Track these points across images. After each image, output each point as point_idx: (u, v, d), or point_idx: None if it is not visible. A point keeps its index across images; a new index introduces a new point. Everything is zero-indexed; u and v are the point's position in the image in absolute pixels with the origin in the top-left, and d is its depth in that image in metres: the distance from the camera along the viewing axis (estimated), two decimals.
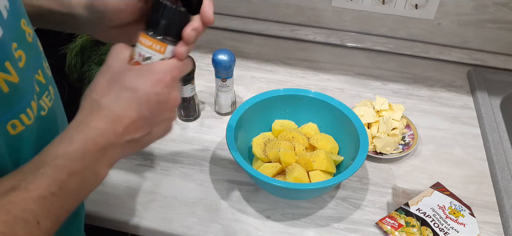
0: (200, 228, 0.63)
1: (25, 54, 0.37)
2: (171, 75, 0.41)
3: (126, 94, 0.39)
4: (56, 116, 0.46)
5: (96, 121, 0.38)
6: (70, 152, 0.36)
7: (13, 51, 0.35)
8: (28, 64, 0.37)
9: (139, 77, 0.39)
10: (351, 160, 0.64)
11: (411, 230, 0.62)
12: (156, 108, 0.40)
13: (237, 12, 1.10)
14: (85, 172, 0.37)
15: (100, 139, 0.38)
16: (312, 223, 0.65)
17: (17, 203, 0.33)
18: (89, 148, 0.37)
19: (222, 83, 0.78)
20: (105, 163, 0.39)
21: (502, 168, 0.74)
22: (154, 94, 0.39)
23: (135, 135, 0.39)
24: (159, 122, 0.41)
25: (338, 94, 0.91)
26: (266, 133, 0.75)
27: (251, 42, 1.06)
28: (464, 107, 0.89)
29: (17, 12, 0.37)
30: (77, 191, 0.37)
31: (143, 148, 0.42)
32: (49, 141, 0.42)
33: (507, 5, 0.92)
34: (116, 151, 0.39)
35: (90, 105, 0.39)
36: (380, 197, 0.69)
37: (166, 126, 0.43)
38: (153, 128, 0.41)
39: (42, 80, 0.41)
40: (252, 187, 0.70)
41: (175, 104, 0.42)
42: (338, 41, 1.06)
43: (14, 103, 0.36)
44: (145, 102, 0.39)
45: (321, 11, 1.04)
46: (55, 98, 0.44)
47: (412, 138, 0.78)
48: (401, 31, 1.03)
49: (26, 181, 0.34)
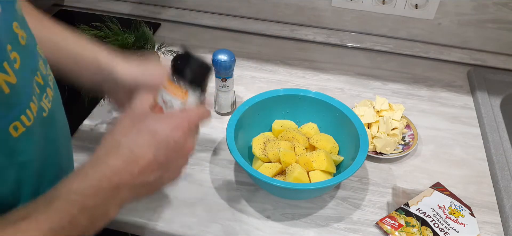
0: (200, 228, 0.63)
1: (20, 56, 0.37)
2: (189, 122, 0.43)
3: (145, 136, 0.41)
4: (57, 118, 0.46)
5: (113, 159, 0.39)
6: (84, 187, 0.37)
7: (8, 53, 0.35)
8: (23, 65, 0.37)
9: (160, 122, 0.42)
10: (351, 160, 0.64)
11: (411, 230, 0.62)
12: (172, 153, 0.42)
13: (237, 12, 1.10)
14: (97, 209, 0.38)
15: (115, 177, 0.38)
16: (312, 223, 0.65)
17: (26, 232, 0.33)
18: (103, 186, 0.38)
19: (222, 83, 0.78)
20: (116, 202, 0.39)
21: (502, 168, 0.74)
22: (172, 139, 0.41)
23: (149, 178, 0.41)
24: (172, 167, 0.43)
25: (338, 94, 0.91)
26: (266, 133, 0.75)
27: (251, 42, 1.06)
28: (464, 107, 0.89)
29: (10, 16, 0.38)
30: (86, 227, 0.38)
31: (152, 193, 0.43)
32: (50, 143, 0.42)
33: (507, 5, 0.92)
34: (128, 192, 0.40)
35: (109, 144, 0.41)
36: (380, 197, 0.69)
37: (177, 171, 0.44)
38: (166, 172, 0.42)
39: (40, 82, 0.41)
40: (252, 187, 0.70)
41: (189, 152, 0.44)
42: (338, 41, 1.06)
43: (14, 105, 0.36)
44: (163, 146, 0.41)
45: (321, 11, 1.04)
46: (54, 100, 0.44)
47: (412, 138, 0.78)
48: (401, 31, 1.03)
49: (37, 212, 0.35)
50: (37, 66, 0.41)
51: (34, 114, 0.38)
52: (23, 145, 0.38)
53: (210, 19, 1.10)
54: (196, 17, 1.11)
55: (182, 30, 1.10)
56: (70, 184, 0.37)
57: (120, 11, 1.14)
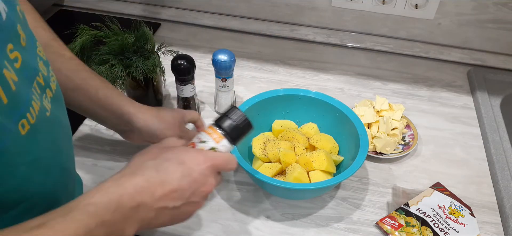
0: (200, 228, 0.63)
1: (21, 56, 0.38)
2: (215, 163, 0.44)
3: (173, 163, 0.42)
4: (60, 119, 0.46)
5: (138, 178, 0.40)
6: (103, 202, 0.37)
7: (8, 52, 0.36)
8: (24, 66, 0.38)
9: (188, 153, 0.44)
10: (351, 160, 0.64)
11: (411, 230, 0.62)
12: (194, 186, 0.43)
13: (237, 12, 1.10)
14: (113, 226, 0.37)
15: (136, 196, 0.39)
16: (312, 223, 0.65)
17: None
18: (123, 202, 0.38)
19: (222, 83, 0.78)
20: (133, 222, 0.39)
21: (502, 168, 0.74)
22: (197, 171, 0.43)
23: (169, 203, 0.41)
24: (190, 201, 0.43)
25: (338, 94, 0.91)
26: (266, 133, 0.75)
27: (251, 42, 1.06)
28: (464, 107, 0.89)
29: (15, 17, 0.38)
30: None
31: (168, 224, 0.43)
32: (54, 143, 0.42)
33: (507, 5, 0.92)
34: (147, 214, 0.40)
35: (135, 164, 0.42)
36: (380, 197, 0.69)
37: (192, 210, 0.45)
38: (184, 205, 0.43)
39: (41, 82, 0.41)
40: (252, 187, 0.70)
41: (207, 192, 0.44)
42: (338, 41, 1.06)
43: (20, 102, 0.37)
44: (187, 175, 0.42)
45: (321, 11, 1.04)
46: (56, 101, 0.45)
47: (412, 138, 0.78)
48: (401, 31, 1.03)
49: (54, 220, 0.34)
50: (37, 67, 0.41)
51: (36, 113, 0.39)
52: (30, 143, 0.38)
53: (210, 19, 1.11)
54: (196, 17, 1.11)
55: (182, 30, 1.10)
56: (90, 196, 0.37)
57: (120, 11, 1.14)
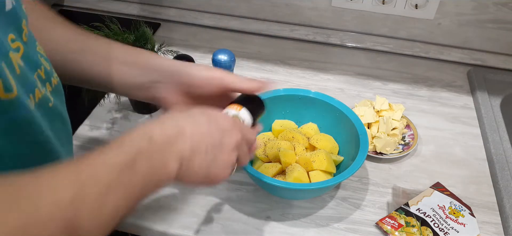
0: (200, 228, 0.63)
1: (23, 48, 0.39)
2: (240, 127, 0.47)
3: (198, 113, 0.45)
4: (62, 114, 0.47)
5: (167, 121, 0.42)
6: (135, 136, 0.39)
7: (10, 41, 0.37)
8: (26, 57, 0.39)
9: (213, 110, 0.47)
10: (351, 160, 0.64)
11: (411, 230, 0.62)
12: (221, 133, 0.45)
13: (237, 12, 1.10)
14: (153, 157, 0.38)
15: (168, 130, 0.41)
16: (312, 223, 0.65)
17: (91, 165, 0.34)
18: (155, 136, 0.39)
19: None
20: (173, 155, 0.40)
21: (502, 168, 0.74)
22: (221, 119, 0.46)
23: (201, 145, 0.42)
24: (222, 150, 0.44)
25: (338, 94, 0.91)
26: (266, 133, 0.75)
27: (251, 42, 1.06)
28: (464, 107, 0.89)
29: (20, 12, 0.40)
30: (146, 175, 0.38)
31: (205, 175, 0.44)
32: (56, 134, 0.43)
33: (507, 5, 0.92)
34: (184, 145, 0.41)
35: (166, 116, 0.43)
36: (380, 197, 0.69)
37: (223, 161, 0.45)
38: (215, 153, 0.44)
39: (42, 76, 0.42)
40: (252, 187, 0.70)
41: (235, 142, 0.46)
42: (338, 41, 1.06)
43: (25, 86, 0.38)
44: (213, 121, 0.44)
45: (321, 11, 1.04)
46: (57, 95, 0.46)
47: (412, 138, 0.78)
48: (401, 31, 1.03)
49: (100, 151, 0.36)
50: (39, 61, 0.42)
51: (40, 96, 0.40)
52: (39, 121, 0.39)
53: (210, 19, 1.11)
54: (196, 17, 1.11)
55: (182, 30, 1.10)
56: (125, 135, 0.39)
57: (120, 11, 1.14)
